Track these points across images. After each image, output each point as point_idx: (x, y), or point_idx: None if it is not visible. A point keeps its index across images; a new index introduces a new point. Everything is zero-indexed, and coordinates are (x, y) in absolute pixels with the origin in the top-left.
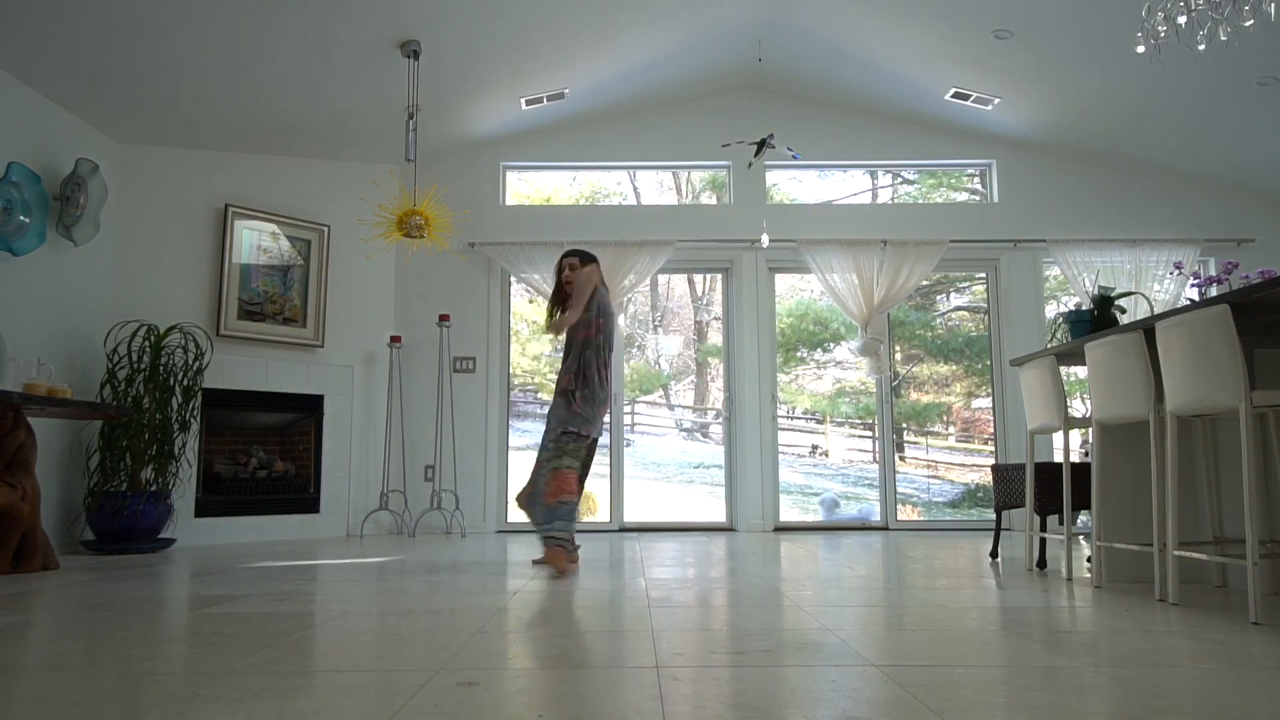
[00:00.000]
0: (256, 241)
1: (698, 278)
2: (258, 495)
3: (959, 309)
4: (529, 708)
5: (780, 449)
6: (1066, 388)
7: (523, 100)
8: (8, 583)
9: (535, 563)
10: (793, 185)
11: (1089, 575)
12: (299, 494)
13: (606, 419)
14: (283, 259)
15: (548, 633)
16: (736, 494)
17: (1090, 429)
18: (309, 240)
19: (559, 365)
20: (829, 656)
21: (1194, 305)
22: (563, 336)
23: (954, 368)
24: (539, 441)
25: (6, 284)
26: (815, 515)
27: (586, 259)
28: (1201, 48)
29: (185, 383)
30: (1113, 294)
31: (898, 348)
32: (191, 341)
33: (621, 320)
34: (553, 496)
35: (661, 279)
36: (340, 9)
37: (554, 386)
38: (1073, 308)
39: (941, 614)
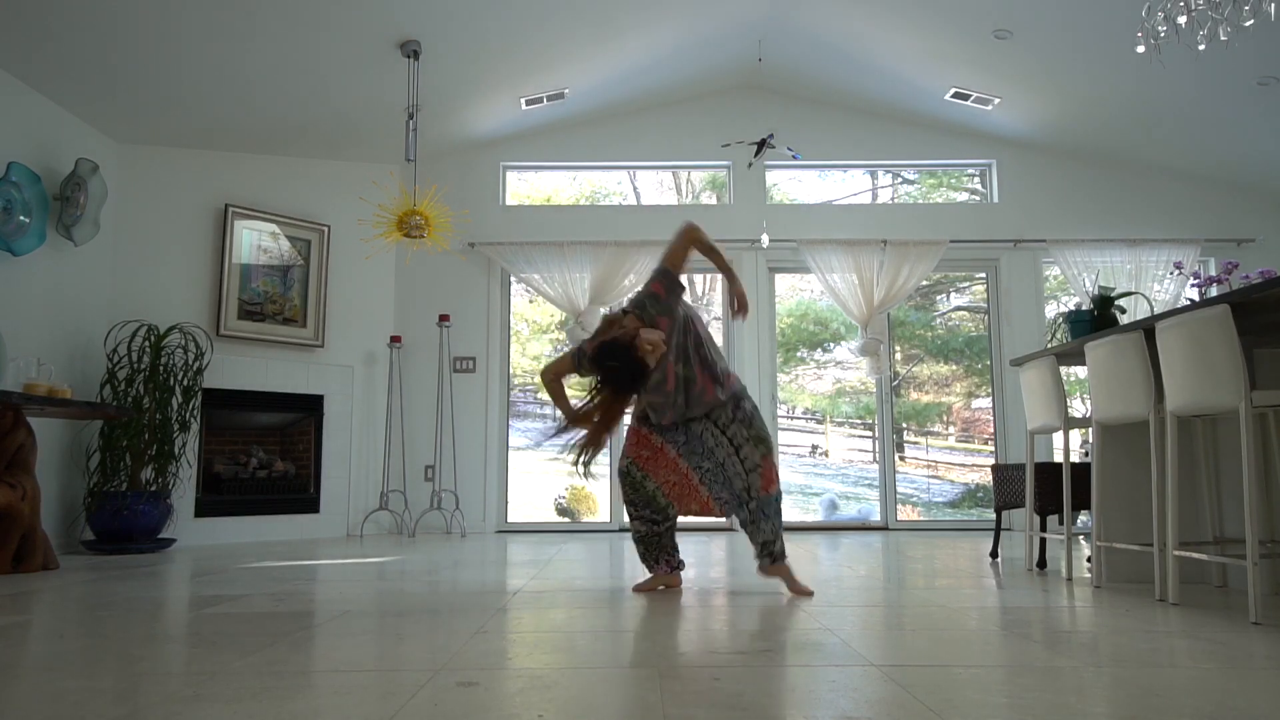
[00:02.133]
0: (256, 241)
1: (698, 278)
2: (258, 495)
3: (959, 309)
4: (529, 708)
5: (780, 449)
6: (1066, 388)
7: (522, 100)
8: (8, 583)
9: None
10: (793, 185)
11: (1089, 575)
12: (299, 494)
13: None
14: (283, 259)
15: (548, 633)
16: None
17: (1090, 429)
18: (309, 240)
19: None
20: (829, 656)
21: (1194, 305)
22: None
23: (954, 368)
24: (537, 442)
25: (6, 284)
26: (815, 515)
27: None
28: (1201, 48)
29: (185, 383)
30: (1113, 294)
31: (898, 348)
32: (191, 341)
33: None
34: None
35: None
36: (340, 9)
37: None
38: (1073, 308)
39: (941, 614)
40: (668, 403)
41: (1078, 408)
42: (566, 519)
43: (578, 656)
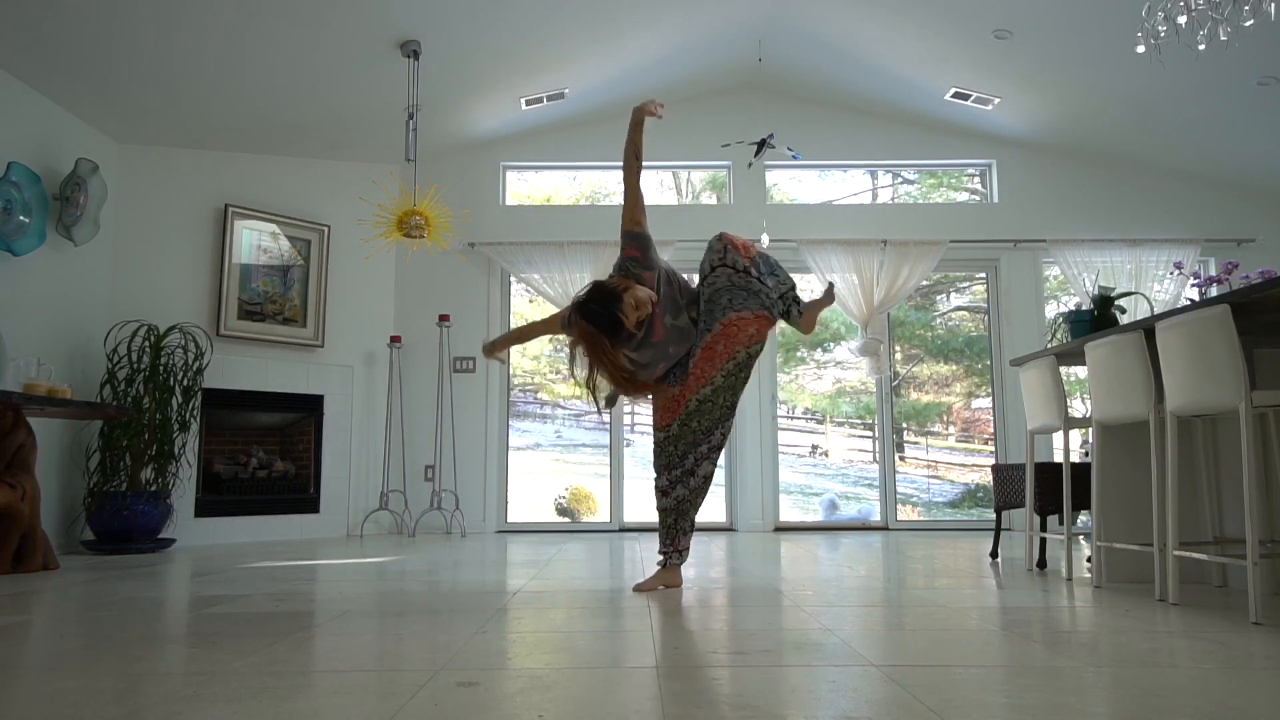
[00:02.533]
0: (256, 241)
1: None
2: (258, 495)
3: (959, 309)
4: (529, 708)
5: (780, 449)
6: (1066, 388)
7: (522, 100)
8: (8, 583)
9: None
10: (793, 185)
11: (1089, 575)
12: (299, 494)
13: (607, 418)
14: (283, 259)
15: (548, 633)
16: (736, 494)
17: (1090, 429)
18: (309, 240)
19: (559, 366)
20: (829, 656)
21: (1194, 305)
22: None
23: (954, 368)
24: (539, 443)
25: (6, 284)
26: (815, 515)
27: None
28: (1201, 48)
29: (185, 383)
30: (1113, 294)
31: (898, 348)
32: (191, 341)
33: None
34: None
35: None
36: (340, 9)
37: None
38: (1073, 308)
39: (941, 614)
40: (659, 355)
41: (1078, 408)
42: (566, 519)
43: (578, 656)
